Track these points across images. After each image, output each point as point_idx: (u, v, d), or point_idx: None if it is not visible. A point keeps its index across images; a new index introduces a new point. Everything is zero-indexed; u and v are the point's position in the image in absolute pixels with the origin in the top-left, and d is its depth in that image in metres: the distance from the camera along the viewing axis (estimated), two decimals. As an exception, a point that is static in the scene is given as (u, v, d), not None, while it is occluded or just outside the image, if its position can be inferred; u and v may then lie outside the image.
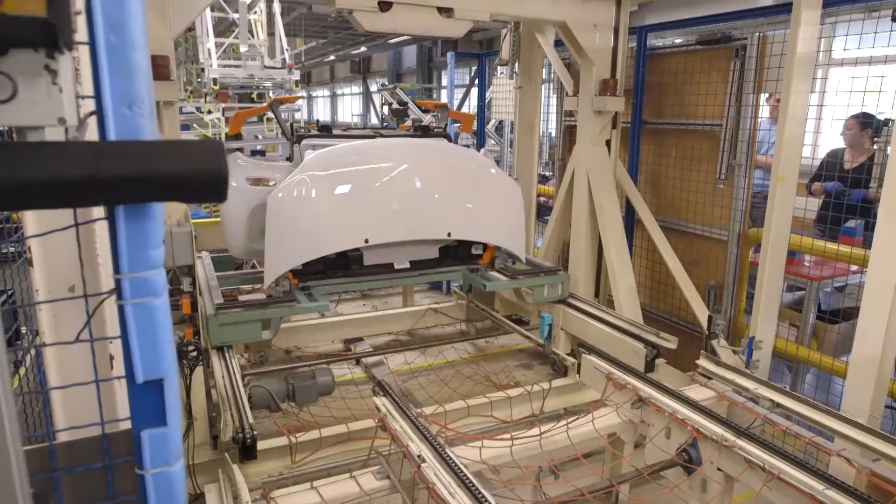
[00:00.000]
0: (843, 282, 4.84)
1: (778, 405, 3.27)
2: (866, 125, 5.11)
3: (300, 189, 3.83)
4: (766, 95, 5.26)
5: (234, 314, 3.61)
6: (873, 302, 3.21)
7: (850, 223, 4.51)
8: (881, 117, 5.03)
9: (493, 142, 10.82)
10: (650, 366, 3.83)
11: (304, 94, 34.18)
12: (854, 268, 4.61)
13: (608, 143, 5.27)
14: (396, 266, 4.30)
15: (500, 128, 10.13)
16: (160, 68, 3.36)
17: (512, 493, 2.81)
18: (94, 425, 1.16)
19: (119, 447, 1.22)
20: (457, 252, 4.55)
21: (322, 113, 35.83)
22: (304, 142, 4.27)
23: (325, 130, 4.45)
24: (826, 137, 5.28)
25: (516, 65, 6.33)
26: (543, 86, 6.56)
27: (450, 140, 4.72)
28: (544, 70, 6.43)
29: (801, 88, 3.89)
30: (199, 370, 3.29)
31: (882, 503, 2.30)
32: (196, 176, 0.94)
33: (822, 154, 5.39)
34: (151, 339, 1.06)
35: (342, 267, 4.19)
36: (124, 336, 1.04)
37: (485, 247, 4.60)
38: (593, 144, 5.13)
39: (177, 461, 1.14)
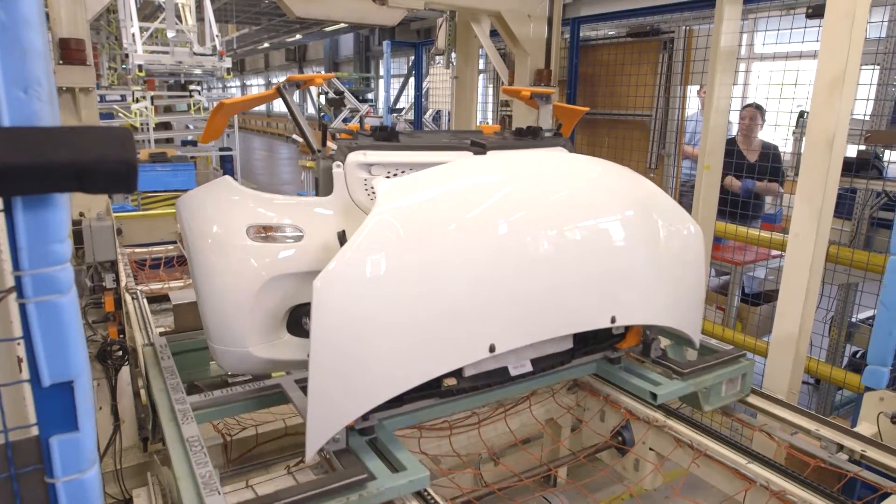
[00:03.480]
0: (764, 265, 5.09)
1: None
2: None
3: (378, 263, 2.02)
4: (698, 87, 5.44)
5: None
6: (791, 284, 3.38)
7: (770, 210, 4.74)
8: (798, 109, 5.29)
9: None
10: (586, 351, 3.89)
11: (335, 74, 19.66)
12: (775, 252, 4.86)
13: (543, 133, 5.33)
14: (513, 372, 2.60)
15: (437, 117, 10.13)
16: (75, 52, 3.17)
17: (451, 482, 2.82)
18: (-1, 433, 1.08)
19: (29, 455, 1.15)
20: (595, 335, 2.93)
21: (257, 102, 34.81)
22: (353, 157, 2.43)
23: (387, 136, 2.57)
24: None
25: (452, 54, 6.33)
26: (480, 76, 6.58)
27: (571, 148, 3.04)
28: (481, 60, 6.45)
29: (724, 81, 4.05)
30: (125, 370, 3.15)
31: (798, 473, 2.44)
32: (100, 165, 0.88)
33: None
34: (58, 340, 1.00)
35: (427, 385, 2.33)
36: (27, 337, 0.97)
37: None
38: (529, 134, 5.18)
39: (91, 467, 1.08)
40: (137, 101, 12.00)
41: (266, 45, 25.29)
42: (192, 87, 13.16)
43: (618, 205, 2.60)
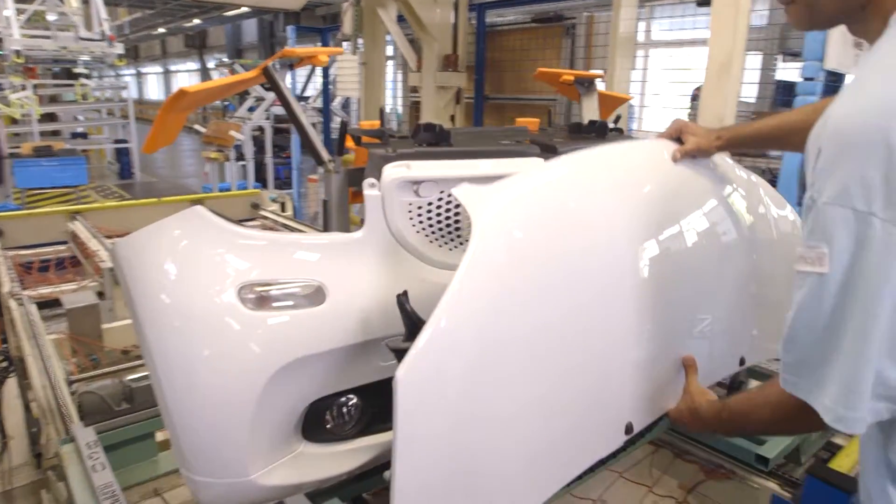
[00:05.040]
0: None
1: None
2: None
3: (492, 331, 1.23)
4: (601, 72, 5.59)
5: None
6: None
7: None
8: (692, 92, 5.57)
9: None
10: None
11: (351, 50, 8.58)
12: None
13: (452, 118, 5.35)
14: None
15: (346, 105, 9.95)
16: (-67, 35, 2.84)
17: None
18: None
19: None
20: None
21: (156, 92, 32.97)
22: (393, 172, 1.53)
23: (436, 138, 1.72)
24: (649, 112, 5.77)
25: (359, 40, 6.22)
26: (389, 62, 6.51)
27: None
28: (389, 46, 6.38)
29: (623, 66, 4.19)
30: (11, 381, 2.91)
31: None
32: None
33: (648, 126, 5.82)
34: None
35: None
36: None
37: None
38: (438, 119, 5.18)
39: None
40: (20, 89, 11.05)
41: (162, 30, 23.90)
42: (77, 71, 12.25)
43: (750, 216, 1.92)
